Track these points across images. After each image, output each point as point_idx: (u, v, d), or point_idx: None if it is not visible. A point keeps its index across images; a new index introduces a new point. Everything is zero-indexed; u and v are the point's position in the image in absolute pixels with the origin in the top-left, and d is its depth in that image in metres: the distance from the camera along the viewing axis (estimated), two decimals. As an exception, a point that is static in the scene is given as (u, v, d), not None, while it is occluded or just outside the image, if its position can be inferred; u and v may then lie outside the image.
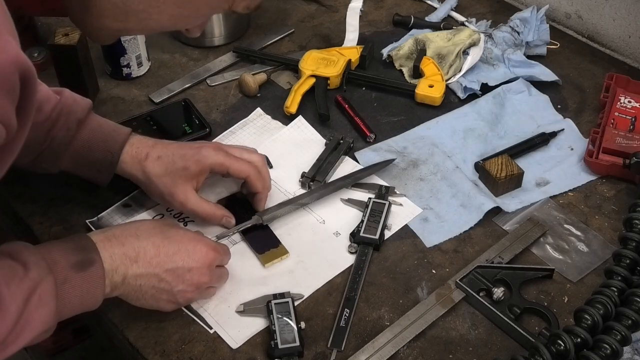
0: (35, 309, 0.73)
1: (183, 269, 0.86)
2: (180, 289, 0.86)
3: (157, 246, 0.85)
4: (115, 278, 0.82)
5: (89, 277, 0.79)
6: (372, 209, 1.02)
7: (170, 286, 0.86)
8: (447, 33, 1.30)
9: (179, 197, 0.97)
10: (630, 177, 1.06)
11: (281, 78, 1.27)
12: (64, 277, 0.77)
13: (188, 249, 0.87)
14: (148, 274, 0.84)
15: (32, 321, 0.73)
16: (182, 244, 0.87)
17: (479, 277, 0.94)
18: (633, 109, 1.15)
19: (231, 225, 1.01)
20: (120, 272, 0.82)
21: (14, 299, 0.72)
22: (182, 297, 0.88)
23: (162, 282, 0.85)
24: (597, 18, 1.34)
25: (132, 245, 0.84)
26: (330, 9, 1.44)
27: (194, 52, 1.33)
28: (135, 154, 0.97)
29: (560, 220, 1.04)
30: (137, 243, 0.84)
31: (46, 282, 0.75)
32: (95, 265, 0.80)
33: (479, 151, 1.13)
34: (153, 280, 0.84)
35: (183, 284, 0.86)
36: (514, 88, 1.23)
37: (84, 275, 0.78)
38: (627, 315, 0.83)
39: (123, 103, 1.22)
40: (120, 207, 1.04)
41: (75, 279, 0.78)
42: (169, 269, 0.85)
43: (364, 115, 1.18)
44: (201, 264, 0.87)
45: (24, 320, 0.73)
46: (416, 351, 0.88)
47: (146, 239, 0.85)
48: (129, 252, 0.83)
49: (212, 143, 1.02)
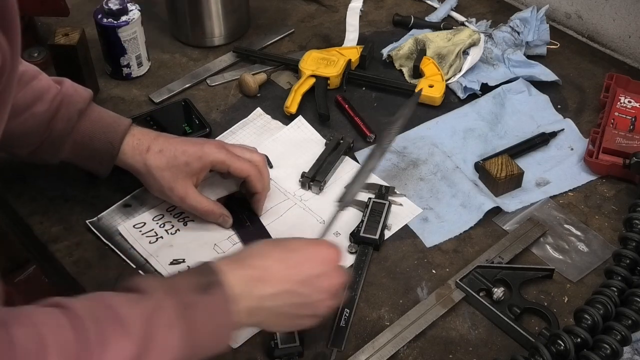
0: (162, 331, 0.67)
1: (313, 276, 0.79)
2: (318, 298, 0.80)
3: (282, 260, 0.79)
4: (249, 302, 0.75)
5: (215, 299, 0.72)
6: (372, 209, 1.02)
7: (308, 298, 0.79)
8: (447, 33, 1.30)
9: (179, 192, 0.97)
10: (630, 177, 1.06)
11: (281, 78, 1.27)
12: (188, 302, 0.70)
13: (311, 254, 0.81)
14: (281, 291, 0.77)
15: (160, 344, 0.66)
16: (303, 251, 0.81)
17: (479, 277, 0.94)
18: (633, 109, 1.15)
19: (228, 224, 1.01)
20: (254, 296, 0.76)
21: (137, 318, 0.66)
22: (322, 307, 0.81)
23: (299, 297, 0.79)
24: (597, 18, 1.34)
25: (258, 265, 0.78)
26: (330, 9, 1.44)
27: (194, 52, 1.33)
28: (136, 145, 0.97)
29: (560, 220, 1.04)
30: (263, 262, 0.78)
31: (168, 303, 0.69)
32: (220, 287, 0.73)
33: (479, 151, 1.13)
34: (289, 297, 0.78)
35: (318, 292, 0.80)
36: (514, 88, 1.23)
37: (209, 297, 0.72)
38: (627, 315, 0.83)
39: (123, 103, 1.23)
40: (120, 207, 1.04)
41: (200, 302, 0.71)
42: (300, 280, 0.79)
43: (364, 115, 1.18)
44: (329, 267, 0.81)
45: (153, 343, 0.66)
46: (416, 351, 0.88)
47: (270, 256, 0.79)
48: (255, 273, 0.77)
49: (215, 140, 1.02)
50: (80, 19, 1.32)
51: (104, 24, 1.19)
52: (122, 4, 1.19)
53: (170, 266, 0.97)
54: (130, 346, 0.64)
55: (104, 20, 1.19)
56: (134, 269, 0.97)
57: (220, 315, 0.73)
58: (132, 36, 1.21)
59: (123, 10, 1.19)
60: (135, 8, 1.21)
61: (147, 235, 1.01)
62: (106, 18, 1.19)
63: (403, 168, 1.11)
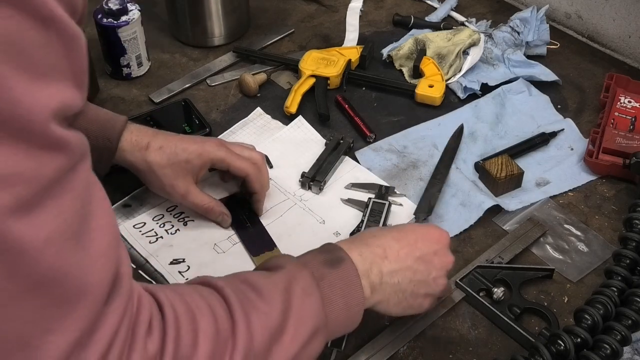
0: (300, 299, 0.70)
1: (429, 253, 0.82)
2: (434, 275, 0.82)
3: (398, 239, 0.82)
4: (372, 278, 0.77)
5: (344, 273, 0.75)
6: (372, 209, 1.02)
7: (425, 275, 0.82)
8: (447, 33, 1.30)
9: (181, 190, 0.97)
10: (630, 177, 1.06)
11: (281, 78, 1.27)
12: (320, 274, 0.73)
13: (424, 234, 0.84)
14: (401, 268, 0.80)
15: (299, 311, 0.69)
16: (417, 231, 0.84)
17: (479, 277, 0.94)
18: (633, 109, 1.15)
19: (226, 224, 1.01)
20: (375, 271, 0.78)
21: (275, 288, 0.69)
22: (437, 284, 0.83)
23: (417, 274, 0.81)
24: (597, 18, 1.34)
25: (376, 243, 0.80)
26: (330, 9, 1.44)
27: (194, 52, 1.33)
28: (135, 142, 0.97)
29: (560, 220, 1.04)
30: (380, 241, 0.81)
31: (303, 273, 0.72)
32: (346, 262, 0.76)
33: (479, 151, 1.13)
34: (409, 274, 0.80)
35: (434, 269, 0.82)
36: (514, 88, 1.23)
37: (338, 271, 0.74)
38: (627, 315, 0.83)
39: (123, 103, 1.23)
40: (120, 207, 1.04)
41: (331, 275, 0.74)
42: (417, 257, 0.81)
43: (364, 115, 1.18)
44: (442, 244, 0.84)
45: (292, 310, 0.68)
46: (416, 351, 0.88)
47: (385, 235, 0.82)
48: (375, 250, 0.79)
49: (214, 139, 1.02)
50: (80, 19, 1.32)
51: (103, 24, 1.19)
52: (122, 4, 1.19)
53: (170, 266, 0.97)
54: (272, 314, 0.67)
55: (104, 20, 1.19)
56: (134, 269, 0.97)
57: (350, 288, 0.75)
58: (132, 36, 1.21)
59: (123, 10, 1.19)
60: (135, 8, 1.21)
61: (147, 235, 1.01)
62: (106, 18, 1.19)
63: (403, 168, 1.11)
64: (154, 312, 0.61)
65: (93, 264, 0.54)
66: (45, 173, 0.49)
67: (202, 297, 0.66)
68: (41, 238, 0.49)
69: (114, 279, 0.57)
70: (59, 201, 0.51)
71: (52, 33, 0.48)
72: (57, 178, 0.50)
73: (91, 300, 0.54)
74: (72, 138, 0.51)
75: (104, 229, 0.56)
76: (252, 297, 0.68)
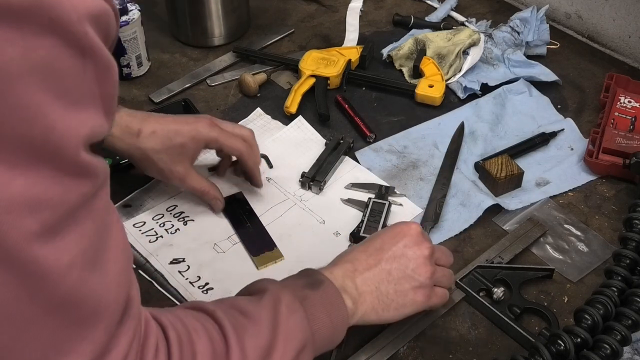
0: (286, 317, 0.72)
1: (399, 249, 0.82)
2: (412, 267, 0.82)
3: (364, 250, 0.83)
4: (350, 292, 0.79)
5: (325, 293, 0.77)
6: (372, 209, 1.02)
7: (402, 271, 0.82)
8: (447, 33, 1.30)
9: (179, 174, 0.98)
10: (630, 177, 1.06)
11: (281, 78, 1.27)
12: (302, 295, 0.75)
13: (389, 234, 0.84)
14: (374, 273, 0.81)
15: (288, 329, 0.71)
16: (382, 235, 0.85)
17: (479, 277, 0.94)
18: (633, 109, 1.15)
19: (218, 208, 1.03)
20: (350, 285, 0.80)
21: (262, 310, 0.71)
22: (420, 274, 0.82)
23: (392, 273, 0.82)
24: (597, 18, 1.34)
25: (344, 260, 0.82)
26: (330, 9, 1.44)
27: (194, 52, 1.33)
28: (125, 127, 0.95)
29: (560, 220, 1.04)
30: (348, 257, 0.83)
31: (286, 294, 0.74)
32: (326, 283, 0.78)
33: (479, 151, 1.13)
34: (383, 276, 0.81)
35: (410, 261, 0.82)
36: (515, 89, 1.23)
37: (319, 292, 0.76)
38: (627, 315, 0.83)
39: (123, 103, 1.22)
40: (120, 208, 1.04)
41: (313, 296, 0.76)
42: (387, 257, 0.82)
43: (364, 115, 1.18)
44: (410, 235, 0.84)
45: (281, 328, 0.71)
46: (416, 351, 0.88)
47: (352, 251, 0.84)
48: (345, 265, 0.81)
49: (206, 118, 1.00)
50: (80, 19, 1.32)
51: (104, 24, 1.19)
52: (122, 4, 1.19)
53: (170, 265, 0.97)
54: (261, 334, 0.69)
55: (104, 20, 1.19)
56: (134, 268, 0.97)
57: (334, 306, 0.77)
58: (132, 36, 1.21)
59: (123, 10, 1.19)
60: (135, 8, 1.21)
61: (147, 234, 1.01)
62: (106, 18, 1.19)
63: (403, 168, 1.11)
64: (160, 335, 0.62)
65: (109, 287, 0.55)
66: (71, 199, 0.50)
67: (198, 320, 0.67)
68: (64, 262, 0.50)
69: (126, 302, 0.58)
70: (82, 226, 0.51)
71: (89, 62, 0.49)
72: (81, 203, 0.51)
73: (106, 323, 0.55)
74: (98, 164, 0.52)
75: (119, 252, 0.57)
76: (242, 320, 0.70)
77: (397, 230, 0.85)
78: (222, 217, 1.04)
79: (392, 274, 0.82)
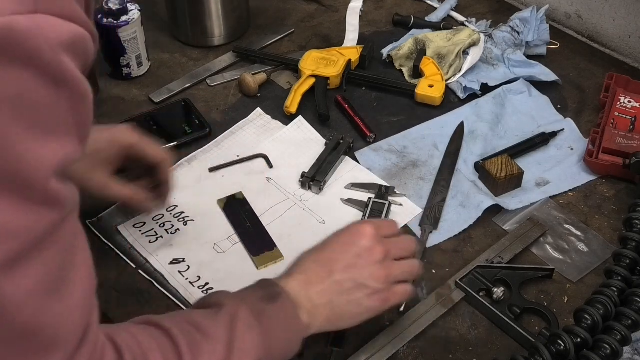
0: (242, 333, 0.71)
1: (351, 259, 0.81)
2: (366, 275, 0.81)
3: (317, 260, 0.82)
4: (305, 305, 0.79)
5: (282, 307, 0.77)
6: (372, 209, 1.02)
7: (354, 282, 0.81)
8: (447, 33, 1.30)
9: (98, 182, 0.93)
10: (630, 177, 1.06)
11: (281, 78, 1.27)
12: (259, 309, 0.75)
13: (340, 241, 0.83)
14: (327, 287, 0.80)
15: (244, 346, 0.71)
16: (334, 243, 0.84)
17: (479, 277, 0.94)
18: (633, 109, 1.15)
19: (150, 209, 0.99)
20: (305, 298, 0.79)
21: (218, 327, 0.71)
22: (375, 280, 0.81)
23: (345, 284, 0.81)
24: (597, 18, 1.34)
25: (298, 271, 0.82)
26: (330, 9, 1.44)
27: (194, 52, 1.33)
28: None
29: (560, 220, 1.04)
30: (302, 268, 0.82)
31: (242, 310, 0.74)
32: (282, 297, 0.77)
33: (479, 151, 1.13)
34: (336, 288, 0.80)
35: (363, 269, 0.81)
36: (515, 89, 1.23)
37: (275, 306, 0.76)
38: (627, 315, 0.83)
39: (123, 103, 1.22)
40: (120, 207, 1.04)
41: (269, 310, 0.76)
42: (340, 269, 0.81)
43: (364, 115, 1.18)
44: (364, 241, 0.82)
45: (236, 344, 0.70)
46: (416, 351, 0.88)
47: (306, 259, 0.83)
48: (299, 277, 0.81)
49: (127, 125, 0.98)
50: (80, 19, 1.31)
51: (104, 24, 1.19)
52: (122, 4, 1.19)
53: (170, 266, 0.97)
54: (217, 352, 0.69)
55: (104, 20, 1.19)
56: (134, 268, 0.97)
57: (290, 321, 0.77)
58: (132, 36, 1.21)
59: (123, 10, 1.19)
60: (135, 8, 1.21)
61: (147, 234, 1.01)
62: (106, 18, 1.19)
63: (403, 168, 1.11)
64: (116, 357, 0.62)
65: (70, 313, 0.55)
66: (38, 228, 0.50)
67: (154, 339, 0.67)
68: (22, 293, 0.49)
69: (85, 328, 0.57)
70: (45, 254, 0.51)
71: (63, 91, 0.49)
72: (48, 232, 0.51)
73: (63, 351, 0.55)
74: (67, 193, 0.52)
75: (83, 280, 0.56)
76: (198, 337, 0.69)
77: (347, 237, 0.83)
78: (222, 217, 1.04)
79: (345, 285, 0.81)
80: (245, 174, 1.10)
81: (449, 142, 1.14)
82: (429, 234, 1.01)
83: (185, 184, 1.08)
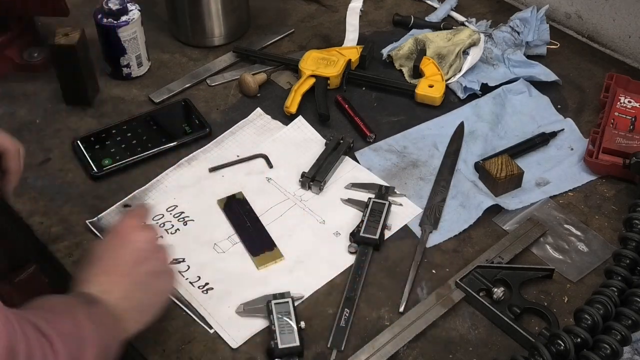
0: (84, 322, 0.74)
1: (133, 255, 0.83)
2: (156, 262, 0.85)
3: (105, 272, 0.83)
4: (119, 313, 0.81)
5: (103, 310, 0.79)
6: (372, 209, 1.02)
7: (148, 273, 0.84)
8: (447, 33, 1.30)
9: None
10: (630, 177, 1.06)
11: (281, 78, 1.27)
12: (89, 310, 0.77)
13: (113, 246, 0.84)
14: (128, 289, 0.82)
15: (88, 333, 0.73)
16: (107, 251, 0.84)
17: (479, 277, 0.94)
18: (633, 109, 1.15)
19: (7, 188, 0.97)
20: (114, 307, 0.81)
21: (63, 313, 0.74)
22: (162, 264, 0.86)
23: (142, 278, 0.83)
24: (597, 18, 1.34)
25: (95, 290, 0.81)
26: (330, 9, 1.44)
27: (194, 52, 1.33)
28: None
29: (560, 220, 1.04)
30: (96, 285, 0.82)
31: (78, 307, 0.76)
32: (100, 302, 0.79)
33: (479, 151, 1.13)
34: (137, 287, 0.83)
35: (150, 259, 0.84)
36: (515, 89, 1.23)
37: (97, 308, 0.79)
38: (627, 315, 0.83)
39: (123, 103, 1.22)
40: (120, 207, 1.04)
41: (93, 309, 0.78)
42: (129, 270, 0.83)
43: (364, 115, 1.18)
44: (132, 237, 0.84)
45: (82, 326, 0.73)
46: (416, 351, 0.88)
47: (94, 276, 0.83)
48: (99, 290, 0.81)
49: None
50: (80, 19, 1.31)
51: (103, 24, 1.19)
52: (122, 4, 1.19)
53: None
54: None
55: (104, 20, 1.19)
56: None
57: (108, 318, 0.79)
58: (132, 36, 1.21)
59: (123, 10, 1.19)
60: (135, 8, 1.21)
61: (147, 235, 1.01)
62: (106, 18, 1.19)
63: (403, 168, 1.11)
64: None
65: None
66: None
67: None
68: None
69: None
70: None
71: None
72: None
73: None
74: None
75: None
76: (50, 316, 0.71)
77: (118, 240, 0.84)
78: (222, 217, 1.04)
79: (143, 280, 0.83)
80: (245, 174, 1.10)
81: (449, 142, 1.14)
82: (429, 234, 1.01)
83: (185, 184, 1.08)
